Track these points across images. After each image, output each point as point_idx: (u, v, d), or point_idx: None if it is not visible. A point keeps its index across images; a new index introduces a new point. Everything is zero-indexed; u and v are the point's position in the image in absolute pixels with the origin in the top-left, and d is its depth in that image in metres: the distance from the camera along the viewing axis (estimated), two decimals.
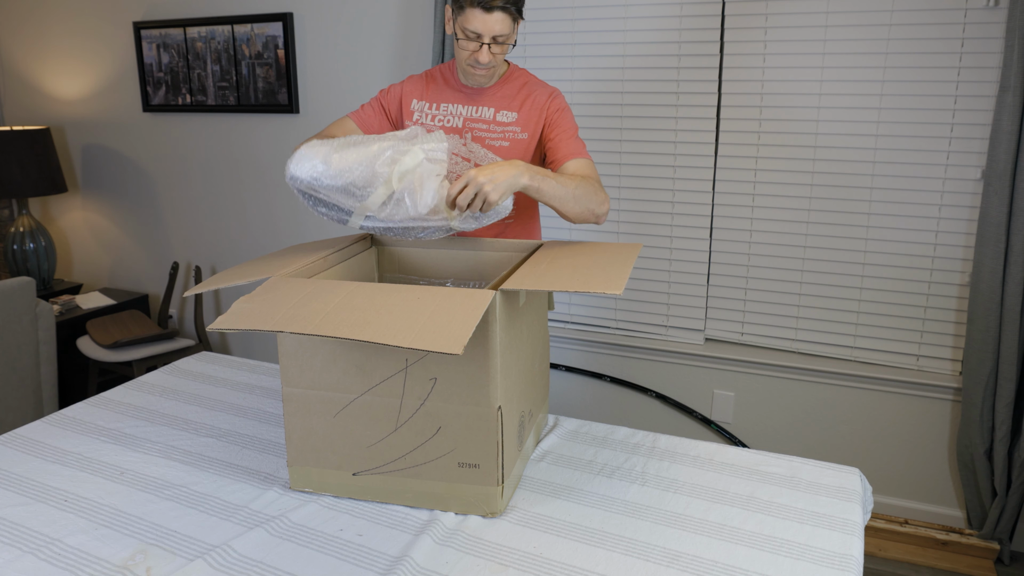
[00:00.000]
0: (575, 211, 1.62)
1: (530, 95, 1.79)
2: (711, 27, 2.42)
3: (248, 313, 1.18)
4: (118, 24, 3.38)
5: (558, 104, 1.79)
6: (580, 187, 1.61)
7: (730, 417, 2.63)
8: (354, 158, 1.50)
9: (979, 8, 2.12)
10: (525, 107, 1.78)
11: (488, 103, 1.80)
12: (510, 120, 1.78)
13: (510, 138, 1.78)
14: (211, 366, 2.00)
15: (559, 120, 1.78)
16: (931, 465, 2.41)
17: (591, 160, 1.77)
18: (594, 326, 2.79)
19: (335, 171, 1.50)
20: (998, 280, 2.13)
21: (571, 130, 1.78)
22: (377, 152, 1.50)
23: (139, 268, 3.65)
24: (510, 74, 1.82)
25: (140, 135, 3.48)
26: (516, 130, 1.78)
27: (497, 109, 1.79)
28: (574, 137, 1.78)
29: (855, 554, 1.21)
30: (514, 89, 1.80)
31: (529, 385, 1.46)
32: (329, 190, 1.53)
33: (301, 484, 1.38)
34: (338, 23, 2.94)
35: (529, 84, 1.81)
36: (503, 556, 1.20)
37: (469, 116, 1.80)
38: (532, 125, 1.78)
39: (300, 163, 1.52)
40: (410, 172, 1.50)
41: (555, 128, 1.77)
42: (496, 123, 1.78)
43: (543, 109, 1.78)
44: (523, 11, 1.69)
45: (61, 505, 1.34)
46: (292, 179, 1.55)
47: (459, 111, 1.81)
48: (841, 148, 2.35)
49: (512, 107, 1.79)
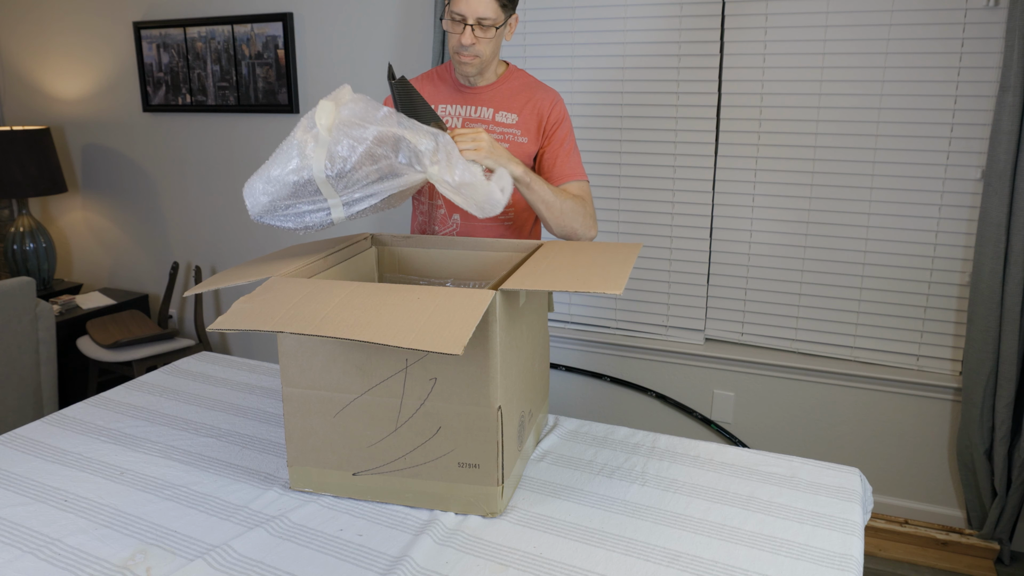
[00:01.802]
0: (559, 223, 1.67)
1: (531, 98, 1.78)
2: (711, 27, 2.42)
3: (248, 313, 1.17)
4: (118, 24, 3.38)
5: (559, 114, 1.78)
6: (570, 204, 1.67)
7: (730, 417, 2.63)
8: (280, 158, 1.42)
9: (979, 8, 2.12)
10: (526, 110, 1.77)
11: (487, 103, 1.78)
12: (511, 122, 1.77)
13: (510, 140, 1.76)
14: (211, 366, 2.00)
15: (559, 133, 1.77)
16: (931, 465, 2.41)
17: (588, 183, 1.79)
18: (594, 326, 2.79)
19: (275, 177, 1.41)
20: (998, 280, 2.13)
21: (570, 145, 1.78)
22: (290, 139, 1.41)
23: (139, 268, 3.65)
24: (509, 74, 1.81)
25: (140, 135, 3.48)
26: (516, 132, 1.77)
27: (496, 109, 1.77)
28: (572, 153, 1.78)
29: (855, 554, 1.21)
30: (513, 90, 1.79)
31: (529, 385, 1.46)
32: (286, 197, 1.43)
33: (301, 484, 1.38)
34: (338, 23, 2.94)
35: (530, 86, 1.80)
36: (503, 556, 1.20)
37: (468, 116, 1.79)
38: (533, 131, 1.77)
39: (249, 199, 1.44)
40: (329, 116, 1.39)
41: (554, 142, 1.77)
42: (495, 123, 1.77)
43: (545, 117, 1.77)
44: (513, 2, 1.67)
45: (61, 505, 1.34)
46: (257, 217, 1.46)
47: (457, 111, 1.79)
48: (841, 148, 2.35)
49: (512, 108, 1.77)
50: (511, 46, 2.69)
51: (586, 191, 1.76)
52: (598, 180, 2.66)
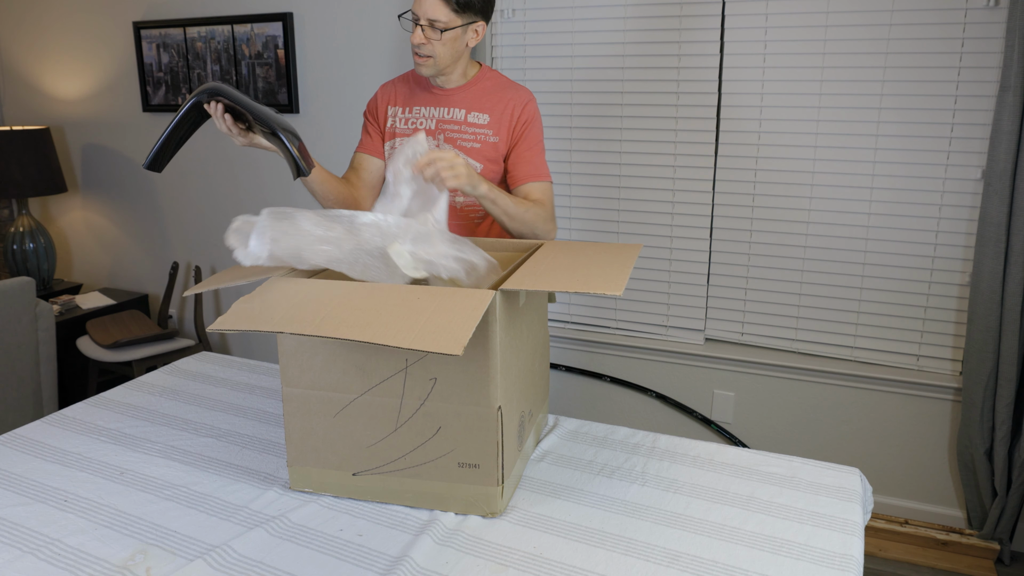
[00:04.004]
0: (519, 230, 1.73)
1: (502, 98, 1.80)
2: (711, 27, 2.42)
3: (248, 313, 1.17)
4: (118, 24, 3.38)
5: (529, 114, 1.80)
6: (531, 213, 1.72)
7: (730, 417, 2.63)
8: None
9: (979, 8, 2.12)
10: (497, 110, 1.79)
11: (458, 104, 1.81)
12: (483, 122, 1.79)
13: (482, 140, 1.79)
14: (211, 366, 2.00)
15: (527, 134, 1.79)
16: (931, 465, 2.41)
17: (550, 184, 1.82)
18: (594, 326, 2.79)
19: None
20: (998, 280, 2.13)
21: (536, 146, 1.80)
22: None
23: (139, 268, 3.65)
24: (481, 75, 1.83)
25: (140, 135, 3.48)
26: (488, 133, 1.79)
27: (468, 111, 1.80)
28: (539, 154, 1.81)
29: (855, 554, 1.21)
30: (485, 90, 1.81)
31: (529, 385, 1.46)
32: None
33: (301, 484, 1.38)
34: (338, 23, 2.94)
35: (502, 86, 1.82)
36: (503, 556, 1.20)
37: (441, 118, 1.81)
38: (504, 131, 1.79)
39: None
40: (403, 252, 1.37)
41: (522, 142, 1.79)
42: (468, 124, 1.79)
43: (516, 117, 1.79)
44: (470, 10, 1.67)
45: (61, 505, 1.34)
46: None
47: (431, 113, 1.82)
48: (841, 148, 2.35)
49: (484, 108, 1.79)
50: (511, 47, 2.70)
51: (547, 192, 1.80)
52: (598, 180, 2.66)
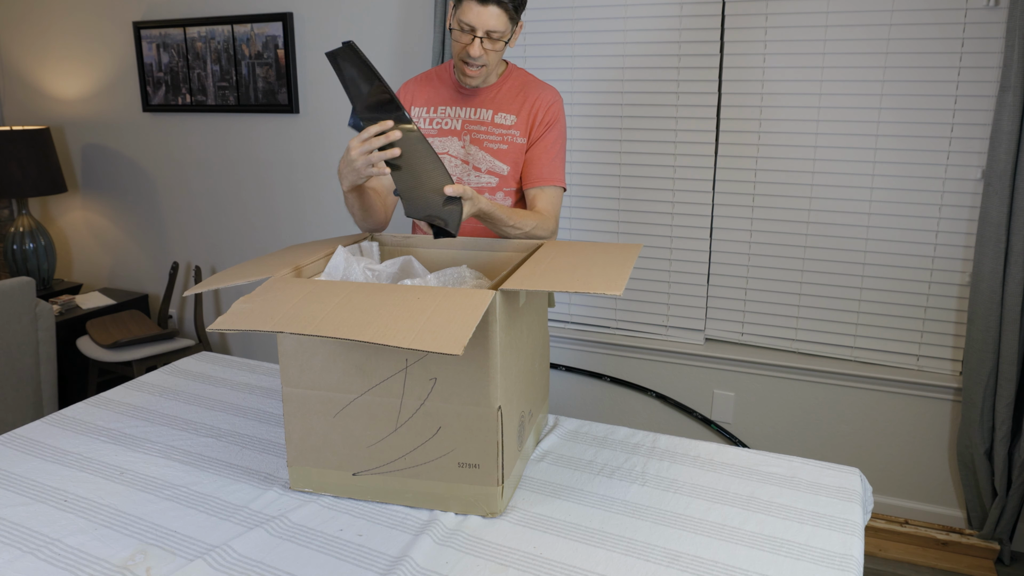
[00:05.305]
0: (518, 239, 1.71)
1: (528, 97, 1.77)
2: (711, 27, 2.42)
3: (248, 313, 1.17)
4: (118, 24, 3.38)
5: (553, 116, 1.77)
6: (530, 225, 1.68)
7: (730, 417, 2.63)
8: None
9: (979, 8, 2.12)
10: (524, 110, 1.77)
11: (486, 104, 1.78)
12: (509, 123, 1.77)
13: (509, 141, 1.76)
14: (211, 366, 2.00)
15: (546, 135, 1.77)
16: (931, 465, 2.41)
17: (560, 190, 1.79)
18: (594, 326, 2.79)
19: None
20: (998, 280, 2.13)
21: (552, 149, 1.77)
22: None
23: (139, 268, 3.65)
24: (508, 74, 1.80)
25: (140, 135, 3.48)
26: (515, 134, 1.77)
27: (496, 111, 1.77)
28: (554, 158, 1.77)
29: (855, 554, 1.21)
30: (512, 90, 1.78)
31: (529, 385, 1.46)
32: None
33: (301, 484, 1.38)
34: (338, 23, 2.94)
35: (528, 84, 1.79)
36: (503, 556, 1.20)
37: (467, 118, 1.78)
38: (527, 131, 1.77)
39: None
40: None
41: (539, 143, 1.77)
42: (495, 125, 1.77)
43: (539, 116, 1.77)
44: (520, 13, 1.66)
45: (61, 505, 1.34)
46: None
47: (457, 113, 1.79)
48: (841, 148, 2.35)
49: (511, 109, 1.77)
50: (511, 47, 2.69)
51: (554, 199, 1.77)
52: (598, 180, 2.66)
